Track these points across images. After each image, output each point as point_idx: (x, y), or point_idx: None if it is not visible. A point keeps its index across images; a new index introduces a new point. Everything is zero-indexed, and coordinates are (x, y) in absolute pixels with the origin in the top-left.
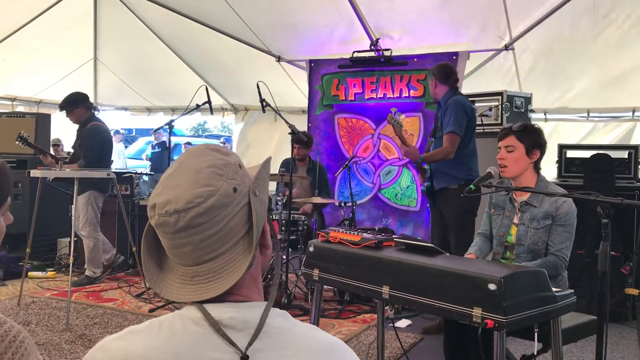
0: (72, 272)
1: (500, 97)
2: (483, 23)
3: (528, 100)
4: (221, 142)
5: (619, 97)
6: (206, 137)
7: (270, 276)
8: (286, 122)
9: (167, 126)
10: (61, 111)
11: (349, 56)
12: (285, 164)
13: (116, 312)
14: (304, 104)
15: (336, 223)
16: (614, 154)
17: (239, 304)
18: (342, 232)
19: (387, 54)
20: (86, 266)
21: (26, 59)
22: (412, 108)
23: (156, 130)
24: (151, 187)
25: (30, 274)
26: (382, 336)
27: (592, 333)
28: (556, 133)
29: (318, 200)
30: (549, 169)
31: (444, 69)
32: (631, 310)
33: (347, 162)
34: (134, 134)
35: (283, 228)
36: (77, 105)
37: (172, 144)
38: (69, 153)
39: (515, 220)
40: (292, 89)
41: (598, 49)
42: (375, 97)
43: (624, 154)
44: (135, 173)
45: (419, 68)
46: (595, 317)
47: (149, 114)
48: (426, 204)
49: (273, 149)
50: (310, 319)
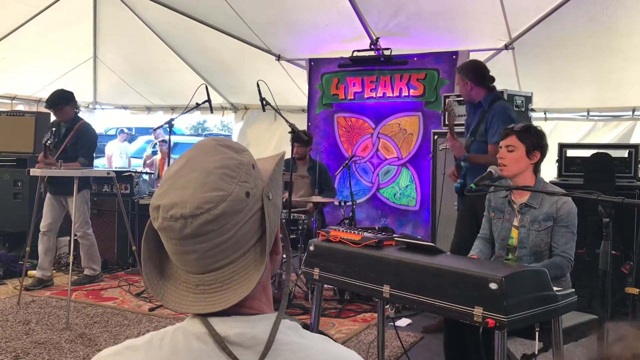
0: (72, 270)
1: None
2: (483, 22)
3: (529, 99)
4: None
5: (619, 96)
6: (206, 136)
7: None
8: (286, 121)
9: (167, 125)
10: (51, 108)
11: (348, 55)
12: (285, 163)
13: (116, 311)
14: (304, 102)
15: (336, 222)
16: (614, 153)
17: (246, 317)
18: (343, 231)
19: (386, 53)
20: (85, 265)
21: (26, 57)
22: (411, 107)
23: (156, 129)
24: (151, 186)
25: (30, 272)
26: (382, 335)
27: (593, 332)
28: (556, 132)
29: (318, 199)
30: (549, 169)
31: (477, 69)
32: (632, 310)
33: (346, 162)
34: (133, 133)
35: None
36: (69, 103)
37: (172, 143)
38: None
39: (516, 223)
40: (292, 88)
41: (598, 48)
42: (374, 96)
43: (624, 153)
44: (135, 172)
45: (418, 67)
46: (596, 316)
47: (148, 112)
48: (426, 204)
49: (273, 148)
50: (311, 318)
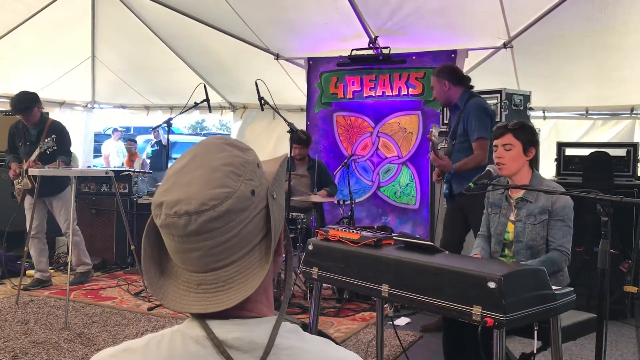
0: (70, 270)
1: (499, 95)
2: (482, 21)
3: (527, 98)
4: None
5: (617, 95)
6: (204, 135)
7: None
8: (285, 120)
9: (166, 124)
10: (21, 113)
11: (347, 53)
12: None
13: (115, 310)
14: (303, 102)
15: (335, 221)
16: (612, 151)
17: (246, 320)
18: (341, 230)
19: (385, 52)
20: (77, 263)
21: (24, 57)
22: (410, 106)
23: (155, 129)
24: (150, 186)
25: (28, 272)
26: (381, 334)
27: (591, 331)
28: (555, 131)
29: (317, 199)
30: (548, 167)
31: (453, 70)
32: (630, 308)
33: (345, 160)
34: (132, 132)
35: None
36: (36, 104)
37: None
38: None
39: (512, 218)
40: (291, 87)
41: (597, 47)
42: (374, 95)
43: (623, 152)
44: (134, 171)
45: (417, 66)
46: (595, 315)
47: (147, 112)
48: (425, 202)
49: (272, 147)
50: (309, 317)
